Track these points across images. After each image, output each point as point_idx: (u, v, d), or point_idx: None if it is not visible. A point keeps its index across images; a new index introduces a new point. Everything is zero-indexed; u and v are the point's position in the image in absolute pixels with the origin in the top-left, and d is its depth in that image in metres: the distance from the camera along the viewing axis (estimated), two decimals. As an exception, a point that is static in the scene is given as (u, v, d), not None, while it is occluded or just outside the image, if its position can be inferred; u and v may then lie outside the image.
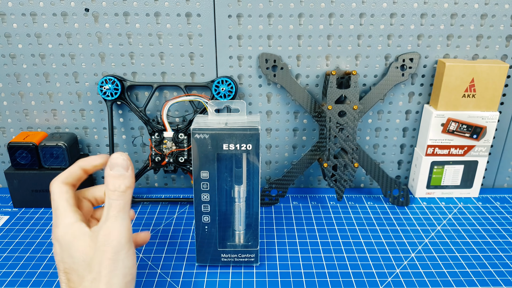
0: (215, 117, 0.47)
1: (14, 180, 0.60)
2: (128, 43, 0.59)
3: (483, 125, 0.60)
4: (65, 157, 0.59)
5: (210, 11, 0.57)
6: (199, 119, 0.47)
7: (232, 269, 0.49)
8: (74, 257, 0.35)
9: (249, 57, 0.60)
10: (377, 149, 0.66)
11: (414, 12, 0.57)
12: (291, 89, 0.60)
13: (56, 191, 0.38)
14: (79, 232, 0.35)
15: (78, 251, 0.35)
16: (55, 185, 0.38)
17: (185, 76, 0.61)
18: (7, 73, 0.60)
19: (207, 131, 0.43)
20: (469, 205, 0.63)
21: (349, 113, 0.59)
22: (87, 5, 0.56)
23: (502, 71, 0.57)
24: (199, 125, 0.44)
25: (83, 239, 0.35)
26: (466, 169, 0.63)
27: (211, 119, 0.46)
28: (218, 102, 0.49)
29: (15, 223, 0.58)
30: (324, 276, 0.48)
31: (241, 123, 0.45)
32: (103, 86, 0.58)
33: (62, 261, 0.35)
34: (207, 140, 0.44)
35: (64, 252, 0.35)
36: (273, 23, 0.58)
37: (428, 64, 0.61)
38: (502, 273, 0.49)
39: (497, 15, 0.58)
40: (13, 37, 0.58)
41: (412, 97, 0.63)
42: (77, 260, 0.34)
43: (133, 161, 0.66)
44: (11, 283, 0.47)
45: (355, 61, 0.60)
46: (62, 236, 0.35)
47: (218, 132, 0.44)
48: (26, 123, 0.64)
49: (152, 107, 0.62)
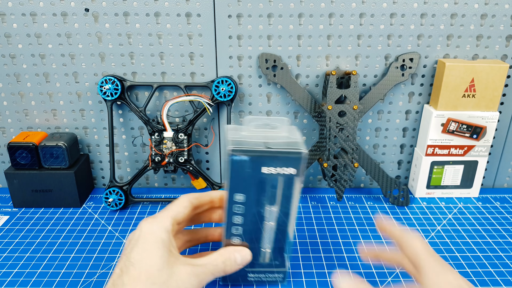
0: (250, 131, 0.42)
1: (14, 180, 0.60)
2: (128, 43, 0.59)
3: (483, 125, 0.60)
4: (65, 157, 0.59)
5: (210, 11, 0.57)
6: (233, 132, 0.41)
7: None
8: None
9: (249, 57, 0.60)
10: (377, 149, 0.66)
11: (414, 12, 0.57)
12: (291, 89, 0.60)
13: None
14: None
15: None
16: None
17: (185, 76, 0.61)
18: (7, 73, 0.60)
19: (247, 153, 0.39)
20: (469, 205, 0.63)
21: (349, 113, 0.59)
22: (87, 5, 0.56)
23: (502, 71, 0.57)
24: (237, 144, 0.39)
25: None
26: (466, 169, 0.63)
27: (246, 134, 0.41)
28: (257, 118, 0.43)
29: (15, 223, 0.58)
30: (324, 276, 0.48)
31: (283, 142, 0.40)
32: (103, 86, 0.58)
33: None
34: (246, 162, 0.39)
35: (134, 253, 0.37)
36: (273, 23, 0.58)
37: (428, 64, 0.61)
38: (502, 273, 0.49)
39: (497, 15, 0.58)
40: (13, 37, 0.58)
41: (412, 97, 0.63)
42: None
43: (133, 161, 0.66)
44: (11, 283, 0.47)
45: (355, 61, 0.60)
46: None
47: (259, 154, 0.39)
48: (26, 123, 0.64)
49: (152, 107, 0.62)
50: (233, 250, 0.42)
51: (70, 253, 0.52)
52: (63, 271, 0.49)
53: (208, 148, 0.65)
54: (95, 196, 0.65)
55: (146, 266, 0.36)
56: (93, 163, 0.67)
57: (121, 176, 0.68)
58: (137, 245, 0.38)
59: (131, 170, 0.67)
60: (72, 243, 0.54)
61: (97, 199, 0.64)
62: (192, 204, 0.43)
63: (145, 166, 0.62)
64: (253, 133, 0.42)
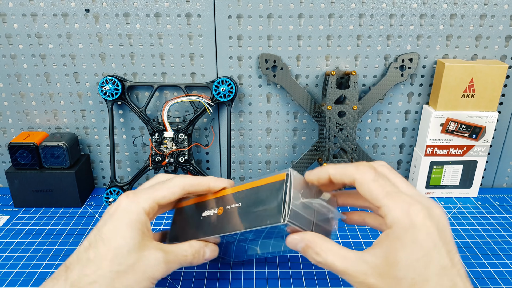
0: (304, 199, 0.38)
1: (14, 180, 0.60)
2: (129, 43, 0.59)
3: (482, 125, 0.60)
4: (65, 157, 0.59)
5: (210, 12, 0.57)
6: (295, 191, 0.37)
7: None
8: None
9: (249, 58, 0.60)
10: (377, 149, 0.66)
11: (413, 13, 0.57)
12: (291, 89, 0.60)
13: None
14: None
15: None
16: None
17: (185, 76, 0.61)
18: (8, 74, 0.60)
19: (296, 229, 0.36)
20: (468, 205, 0.63)
21: (348, 113, 0.59)
22: (88, 6, 0.57)
23: (501, 71, 0.57)
24: (294, 216, 0.35)
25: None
26: (465, 169, 0.63)
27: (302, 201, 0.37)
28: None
29: (16, 223, 0.58)
30: (324, 276, 0.48)
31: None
32: (104, 86, 0.59)
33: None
34: (283, 231, 0.37)
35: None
36: (273, 24, 0.58)
37: (428, 65, 0.61)
38: (502, 273, 0.49)
39: (496, 16, 0.58)
40: (14, 38, 0.58)
41: (412, 97, 0.63)
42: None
43: (134, 161, 0.66)
44: (11, 283, 0.47)
45: (355, 61, 0.60)
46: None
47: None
48: (26, 123, 0.64)
49: (153, 107, 0.63)
50: (203, 245, 0.41)
51: (71, 253, 0.52)
52: (64, 271, 0.49)
53: (208, 148, 0.65)
54: (96, 196, 0.65)
55: (115, 245, 0.35)
56: (94, 163, 0.67)
57: (121, 176, 0.68)
58: (111, 220, 0.37)
59: (131, 170, 0.67)
60: (72, 243, 0.54)
61: (98, 199, 0.65)
62: (184, 191, 0.41)
63: (145, 166, 0.62)
64: (306, 201, 0.37)
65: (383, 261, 0.32)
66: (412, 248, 0.31)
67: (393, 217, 0.32)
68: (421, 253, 0.31)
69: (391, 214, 0.33)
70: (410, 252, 0.31)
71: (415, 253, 0.31)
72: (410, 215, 0.32)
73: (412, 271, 0.31)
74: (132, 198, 0.38)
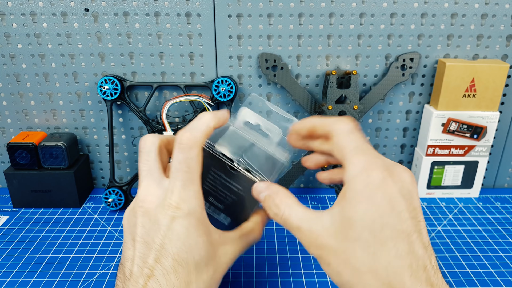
0: (243, 129, 0.40)
1: (13, 180, 0.60)
2: (128, 43, 0.59)
3: (484, 125, 0.60)
4: (64, 157, 0.59)
5: (210, 11, 0.57)
6: (238, 120, 0.40)
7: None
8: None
9: (249, 57, 0.59)
10: (377, 149, 0.66)
11: (414, 12, 0.57)
12: (291, 89, 0.60)
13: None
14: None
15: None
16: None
17: (185, 76, 0.61)
18: (6, 73, 0.60)
19: (218, 155, 0.38)
20: (469, 205, 0.63)
21: (349, 113, 0.59)
22: (87, 5, 0.56)
23: (502, 71, 0.57)
24: (222, 141, 0.38)
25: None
26: (467, 169, 0.63)
27: (239, 132, 0.40)
28: (255, 116, 0.42)
29: (15, 223, 0.58)
30: (324, 276, 0.48)
31: (260, 158, 0.39)
32: (103, 86, 0.58)
33: None
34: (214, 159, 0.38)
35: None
36: (273, 23, 0.58)
37: (429, 64, 0.60)
38: (503, 273, 0.49)
39: (497, 15, 0.57)
40: (13, 37, 0.58)
41: (413, 97, 0.63)
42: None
43: (133, 161, 0.66)
44: (11, 283, 0.47)
45: (355, 61, 0.60)
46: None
47: (226, 163, 0.38)
48: (25, 123, 0.64)
49: (152, 107, 0.62)
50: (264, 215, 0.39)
51: (70, 253, 0.52)
52: (63, 271, 0.48)
53: (208, 148, 0.65)
54: (95, 196, 0.65)
55: (194, 263, 0.32)
56: (93, 163, 0.66)
57: (120, 176, 0.67)
58: (171, 232, 0.32)
59: (130, 170, 0.67)
60: (71, 243, 0.54)
61: (97, 199, 0.64)
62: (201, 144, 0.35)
63: (145, 166, 0.61)
64: (244, 133, 0.39)
65: (339, 221, 0.30)
66: (367, 208, 0.29)
67: (351, 173, 0.30)
68: (377, 214, 0.28)
69: (349, 169, 0.30)
70: (365, 212, 0.29)
71: (371, 213, 0.28)
72: (368, 173, 0.29)
73: (367, 233, 0.28)
74: (184, 197, 0.34)
